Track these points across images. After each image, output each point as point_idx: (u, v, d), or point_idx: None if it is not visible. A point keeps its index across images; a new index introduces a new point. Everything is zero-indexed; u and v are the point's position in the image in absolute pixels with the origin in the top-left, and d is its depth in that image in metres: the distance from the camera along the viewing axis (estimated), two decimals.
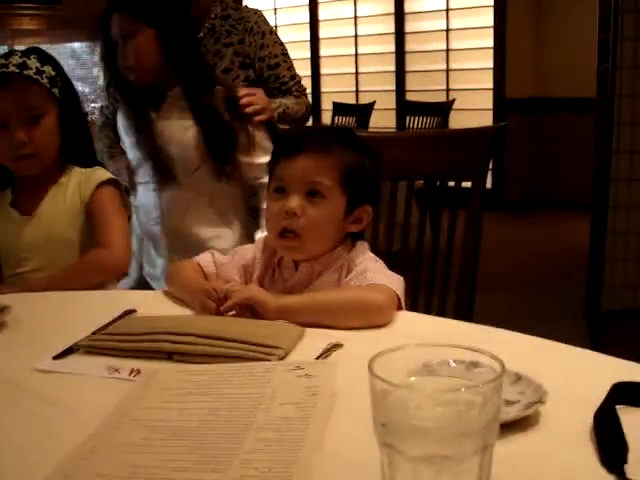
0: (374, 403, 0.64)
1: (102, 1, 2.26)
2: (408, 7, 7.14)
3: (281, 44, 2.63)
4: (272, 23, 2.72)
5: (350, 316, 1.28)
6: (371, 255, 1.47)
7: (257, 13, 2.63)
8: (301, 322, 1.27)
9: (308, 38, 8.54)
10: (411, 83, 7.30)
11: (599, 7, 4.00)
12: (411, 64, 7.27)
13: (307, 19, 8.53)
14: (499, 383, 0.63)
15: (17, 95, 1.76)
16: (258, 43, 2.57)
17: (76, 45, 10.48)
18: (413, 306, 1.73)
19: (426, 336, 1.23)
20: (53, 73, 1.80)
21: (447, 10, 7.29)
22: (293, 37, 8.00)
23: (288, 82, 2.61)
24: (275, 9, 8.76)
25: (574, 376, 1.04)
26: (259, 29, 2.59)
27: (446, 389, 0.64)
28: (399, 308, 1.35)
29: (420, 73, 7.17)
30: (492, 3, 7.13)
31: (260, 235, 2.16)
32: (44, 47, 1.83)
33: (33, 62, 1.78)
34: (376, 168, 1.51)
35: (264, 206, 1.94)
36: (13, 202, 1.88)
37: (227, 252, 1.59)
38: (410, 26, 7.14)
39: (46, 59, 1.83)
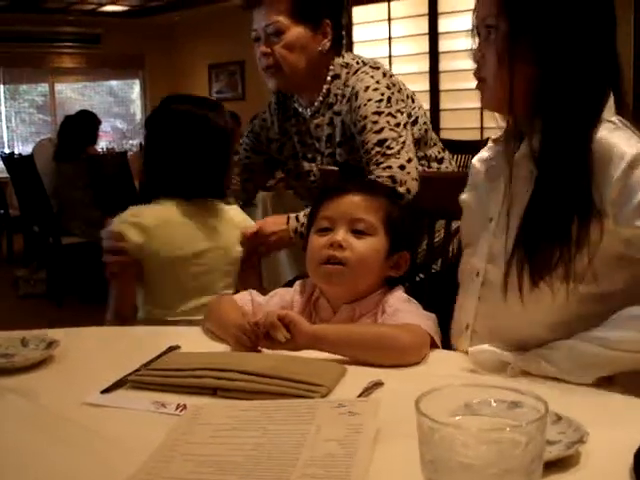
0: (421, 440, 0.66)
1: (140, 41, 2.31)
2: (442, 46, 7.20)
3: (378, 101, 2.07)
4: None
5: (382, 352, 1.30)
6: (404, 296, 1.50)
7: (358, 71, 2.15)
8: (331, 352, 1.32)
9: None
10: (445, 121, 7.34)
11: None
12: (445, 102, 7.32)
13: None
14: (543, 423, 0.65)
15: None
16: (353, 107, 2.10)
17: (114, 83, 10.68)
18: None
19: (462, 374, 1.25)
20: None
21: None
22: None
23: (370, 150, 2.03)
24: None
25: (613, 418, 1.05)
26: (352, 91, 2.12)
27: (491, 428, 0.66)
28: (434, 346, 1.37)
29: (454, 111, 7.20)
30: None
31: None
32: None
33: None
34: (414, 218, 1.56)
35: None
36: None
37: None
38: (444, 65, 7.19)
39: None
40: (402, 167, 1.96)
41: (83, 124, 5.73)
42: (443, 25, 7.06)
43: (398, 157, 1.98)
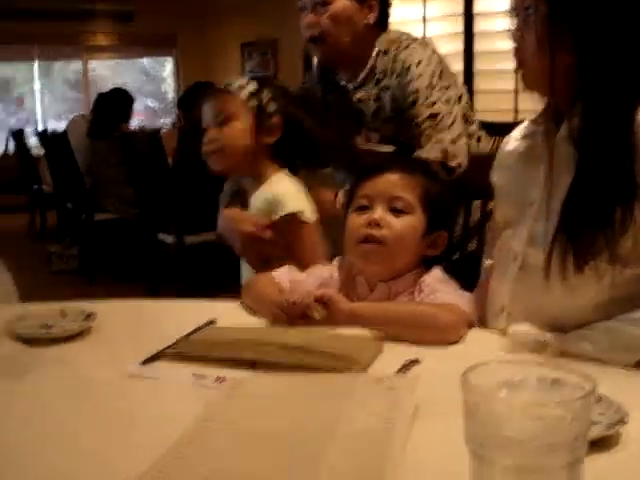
0: (467, 414, 0.67)
1: (172, 19, 2.32)
2: (477, 27, 7.13)
3: (430, 75, 2.08)
4: None
5: (421, 331, 1.31)
6: (442, 276, 1.49)
7: (409, 46, 2.16)
8: (371, 329, 1.32)
9: None
10: (479, 102, 7.29)
11: None
12: (479, 84, 7.26)
13: None
14: (588, 400, 0.65)
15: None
16: (405, 81, 2.11)
17: (146, 61, 10.70)
18: None
19: (501, 354, 1.25)
20: (254, 88, 1.90)
21: None
22: None
23: (422, 124, 2.05)
24: None
25: None
26: (403, 66, 2.11)
27: (536, 403, 0.66)
28: (471, 326, 1.37)
29: (488, 93, 7.14)
30: None
31: None
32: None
33: (242, 81, 1.93)
34: (452, 197, 1.55)
35: None
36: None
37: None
38: (479, 46, 7.13)
39: (264, 83, 1.95)
40: (454, 141, 1.96)
41: (117, 101, 5.76)
42: (479, 5, 6.99)
43: (450, 131, 1.98)
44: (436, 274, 1.48)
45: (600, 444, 0.88)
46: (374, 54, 2.19)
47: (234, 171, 1.97)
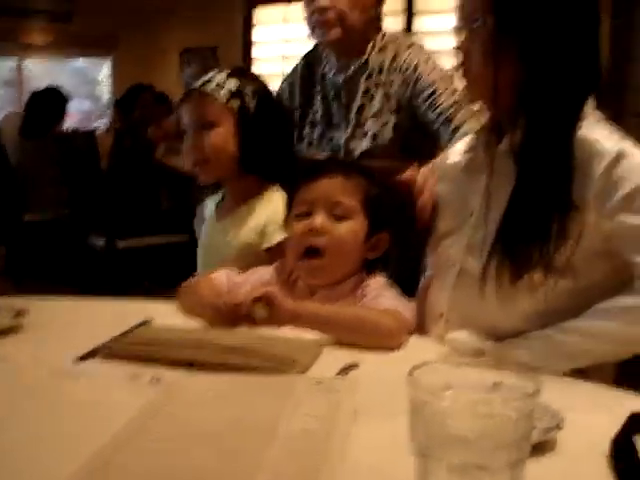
0: (413, 413, 0.67)
1: (112, 21, 2.28)
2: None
3: (441, 69, 2.17)
4: None
5: (362, 335, 1.31)
6: (384, 281, 1.49)
7: (411, 46, 2.22)
8: (311, 329, 1.32)
9: None
10: None
11: None
12: None
13: None
14: (533, 399, 0.66)
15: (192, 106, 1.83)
16: (411, 79, 2.16)
17: (81, 63, 10.53)
18: None
19: (438, 361, 1.26)
20: (234, 87, 1.80)
21: None
22: None
23: (448, 109, 2.10)
24: None
25: (588, 405, 1.06)
26: (409, 63, 2.17)
27: (483, 402, 0.66)
28: (410, 334, 1.38)
29: None
30: None
31: None
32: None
33: (220, 78, 1.81)
34: (393, 199, 1.55)
35: None
36: (217, 205, 1.91)
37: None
38: None
39: (243, 76, 1.86)
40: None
41: (51, 101, 5.63)
42: (418, 24, 7.09)
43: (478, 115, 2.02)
44: (379, 279, 1.48)
45: (536, 449, 0.88)
46: (369, 48, 2.23)
47: (224, 182, 1.87)
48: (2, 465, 0.87)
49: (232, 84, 1.80)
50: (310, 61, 2.38)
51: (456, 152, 1.49)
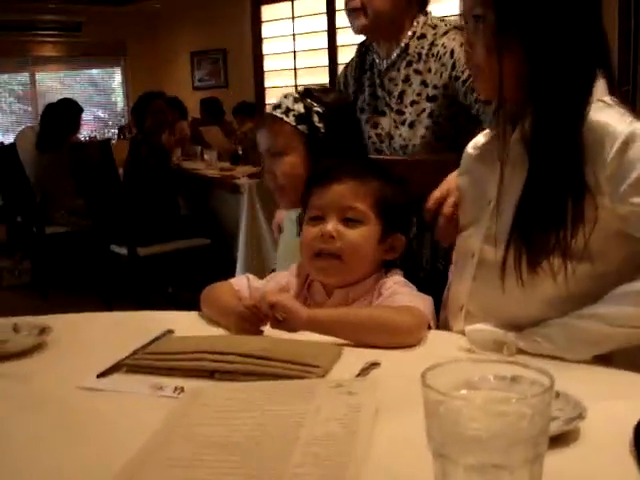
0: (428, 414, 0.67)
1: (121, 29, 2.29)
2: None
3: None
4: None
5: (379, 335, 1.31)
6: (401, 279, 1.50)
7: (447, 32, 2.20)
8: (330, 336, 1.32)
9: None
10: None
11: None
12: None
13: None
14: (548, 395, 0.66)
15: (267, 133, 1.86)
16: (448, 64, 2.14)
17: (94, 72, 10.59)
18: None
19: (459, 355, 1.26)
20: (302, 110, 1.82)
21: None
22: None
23: None
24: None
25: (610, 393, 1.06)
26: (446, 49, 2.16)
27: (497, 400, 0.67)
28: (429, 328, 1.38)
29: None
30: None
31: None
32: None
33: (288, 102, 1.83)
34: (407, 198, 1.55)
35: None
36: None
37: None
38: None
39: (311, 98, 1.86)
40: None
41: (65, 112, 5.68)
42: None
43: None
44: (396, 278, 1.49)
45: (559, 440, 0.88)
46: (409, 34, 2.23)
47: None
48: None
49: (300, 107, 1.82)
50: (362, 49, 2.41)
51: (475, 146, 1.49)
